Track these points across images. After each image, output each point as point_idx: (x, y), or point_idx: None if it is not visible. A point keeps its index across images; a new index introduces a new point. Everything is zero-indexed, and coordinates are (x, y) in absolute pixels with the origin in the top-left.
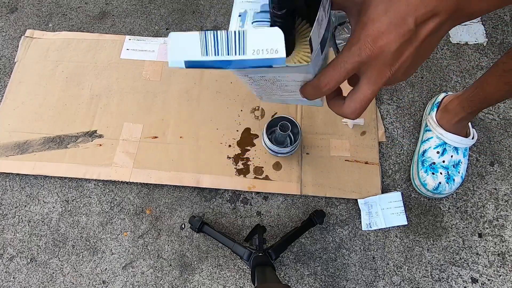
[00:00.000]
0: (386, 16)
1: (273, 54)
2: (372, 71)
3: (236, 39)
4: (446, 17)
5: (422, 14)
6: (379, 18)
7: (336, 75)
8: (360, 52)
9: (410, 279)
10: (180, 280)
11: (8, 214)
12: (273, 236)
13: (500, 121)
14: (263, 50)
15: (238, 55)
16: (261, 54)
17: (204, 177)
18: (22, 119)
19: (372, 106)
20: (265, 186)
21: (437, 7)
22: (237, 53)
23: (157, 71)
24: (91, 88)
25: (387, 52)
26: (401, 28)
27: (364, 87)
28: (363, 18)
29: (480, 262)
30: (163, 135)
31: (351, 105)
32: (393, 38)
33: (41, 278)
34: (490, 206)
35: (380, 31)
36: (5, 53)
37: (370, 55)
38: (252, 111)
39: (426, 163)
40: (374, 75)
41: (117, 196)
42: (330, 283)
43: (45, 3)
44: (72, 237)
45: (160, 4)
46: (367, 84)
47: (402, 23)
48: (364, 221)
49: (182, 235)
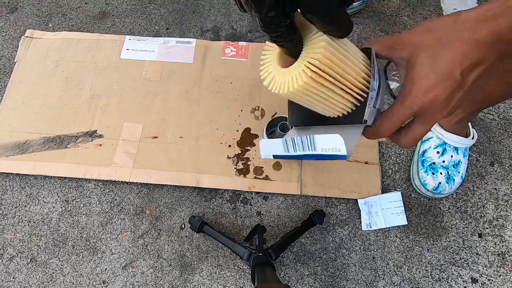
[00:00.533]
0: (432, 73)
1: (337, 151)
2: (425, 117)
3: (308, 141)
4: (492, 63)
5: (467, 67)
6: (427, 76)
7: (392, 126)
8: (412, 106)
9: (410, 279)
10: (180, 280)
11: (8, 214)
12: (273, 236)
13: (500, 121)
14: (329, 148)
15: (310, 151)
16: (328, 151)
17: (204, 177)
18: (22, 119)
19: None
20: (265, 186)
21: (481, 58)
22: (310, 150)
23: (157, 71)
24: (91, 88)
25: (438, 102)
26: (448, 81)
27: (418, 127)
28: (411, 74)
29: (480, 262)
30: (163, 135)
31: (405, 140)
32: (442, 90)
33: (41, 278)
34: (490, 206)
35: (428, 86)
36: (5, 53)
37: (422, 106)
38: (252, 111)
39: (426, 163)
40: (427, 119)
41: (117, 196)
42: (330, 283)
43: (45, 3)
44: (72, 237)
45: (160, 4)
46: (421, 125)
47: (449, 77)
48: (364, 221)
49: (182, 235)
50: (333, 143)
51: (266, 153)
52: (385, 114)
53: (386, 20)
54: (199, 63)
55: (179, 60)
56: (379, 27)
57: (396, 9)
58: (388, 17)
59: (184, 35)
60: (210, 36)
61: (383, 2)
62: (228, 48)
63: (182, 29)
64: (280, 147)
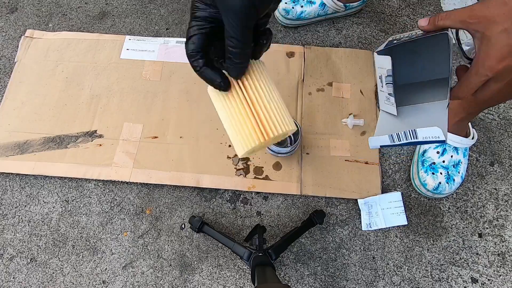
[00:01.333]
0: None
1: (436, 138)
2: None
3: (410, 134)
4: None
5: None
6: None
7: (469, 91)
8: (487, 73)
9: (410, 279)
10: (180, 280)
11: (8, 214)
12: (273, 236)
13: (500, 121)
14: (429, 136)
15: (413, 140)
16: (428, 139)
17: (204, 177)
18: (22, 119)
19: (372, 106)
20: (265, 186)
21: None
22: (412, 139)
23: (157, 71)
24: (91, 88)
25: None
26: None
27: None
28: (486, 46)
29: (480, 262)
30: (163, 135)
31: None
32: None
33: (41, 278)
34: (490, 206)
35: (502, 56)
36: (5, 53)
37: (496, 72)
38: None
39: (426, 163)
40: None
41: (117, 196)
42: (330, 283)
43: (45, 3)
44: (72, 237)
45: (160, 4)
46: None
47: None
48: (364, 221)
49: (182, 235)
50: (433, 133)
51: (375, 144)
52: (463, 82)
53: (386, 20)
54: None
55: (179, 60)
56: (379, 27)
57: (396, 9)
58: (388, 17)
59: (184, 35)
60: None
61: (383, 2)
62: None
63: (182, 29)
64: (386, 140)
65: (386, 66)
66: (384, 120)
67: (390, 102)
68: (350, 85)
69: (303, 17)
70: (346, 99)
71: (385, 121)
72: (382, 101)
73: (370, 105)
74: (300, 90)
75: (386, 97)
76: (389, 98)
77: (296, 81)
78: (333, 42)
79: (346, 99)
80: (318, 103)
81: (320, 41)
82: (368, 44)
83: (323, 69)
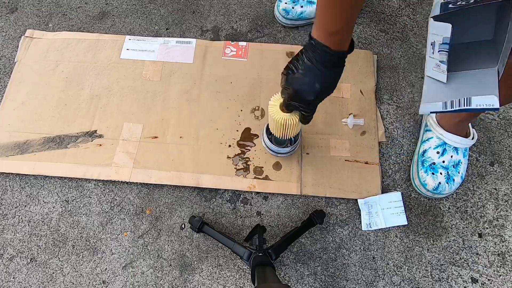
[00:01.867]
0: None
1: (491, 106)
2: None
3: (465, 101)
4: None
5: None
6: None
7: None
8: None
9: (410, 279)
10: (180, 280)
11: (8, 214)
12: (273, 236)
13: (500, 121)
14: (483, 104)
15: (466, 107)
16: (482, 106)
17: (204, 177)
18: (22, 119)
19: (372, 106)
20: (265, 186)
21: None
22: (466, 106)
23: (157, 71)
24: (91, 88)
25: None
26: None
27: None
28: None
29: (480, 262)
30: (163, 135)
31: None
32: None
33: (41, 278)
34: (490, 206)
35: None
36: (5, 53)
37: None
38: (252, 111)
39: (426, 163)
40: None
41: (117, 196)
42: (330, 283)
43: (45, 3)
44: (72, 237)
45: (160, 4)
46: None
47: None
48: (364, 221)
49: (182, 235)
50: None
51: (426, 110)
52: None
53: (386, 20)
54: (199, 63)
55: (179, 60)
56: (379, 27)
57: (396, 9)
58: (388, 17)
59: (184, 35)
60: (210, 36)
61: (383, 2)
62: (228, 48)
63: (182, 29)
64: (439, 106)
65: (444, 33)
66: (432, 86)
67: (440, 69)
68: (350, 85)
69: (303, 17)
70: (346, 99)
71: (433, 88)
72: (430, 68)
73: (370, 105)
74: None
75: (436, 64)
76: (439, 65)
77: None
78: None
79: (346, 99)
80: None
81: None
82: (368, 44)
83: None
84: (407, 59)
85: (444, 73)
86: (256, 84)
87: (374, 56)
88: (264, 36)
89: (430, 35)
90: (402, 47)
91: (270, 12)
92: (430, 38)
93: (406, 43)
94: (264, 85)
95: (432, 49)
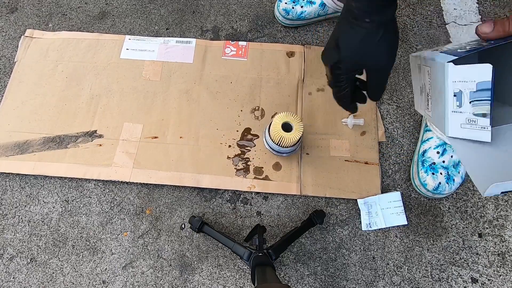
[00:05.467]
0: None
1: None
2: None
3: None
4: None
5: None
6: None
7: None
8: None
9: (410, 279)
10: (180, 280)
11: (8, 214)
12: (273, 236)
13: None
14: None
15: None
16: None
17: (204, 177)
18: (22, 119)
19: (372, 106)
20: (265, 186)
21: None
22: None
23: (157, 71)
24: (91, 88)
25: None
26: None
27: None
28: None
29: (480, 262)
30: (163, 135)
31: None
32: None
33: (41, 278)
34: (490, 206)
35: None
36: (5, 53)
37: None
38: (252, 111)
39: (426, 163)
40: None
41: (117, 196)
42: (330, 283)
43: (45, 3)
44: (72, 237)
45: (160, 4)
46: None
47: None
48: (364, 221)
49: (182, 235)
50: None
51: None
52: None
53: None
54: (199, 63)
55: (179, 60)
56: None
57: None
58: None
59: (184, 35)
60: (210, 36)
61: None
62: (228, 48)
63: (182, 29)
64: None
65: (479, 78)
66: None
67: (477, 125)
68: None
69: (303, 17)
70: None
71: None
72: (456, 126)
73: (370, 105)
74: (300, 90)
75: (467, 120)
76: (475, 120)
77: (296, 81)
78: None
79: None
80: (318, 103)
81: (320, 41)
82: None
83: (323, 69)
84: (407, 59)
85: (487, 129)
86: (256, 84)
87: None
88: (264, 36)
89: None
90: (402, 47)
91: (270, 12)
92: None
93: (406, 43)
94: (264, 85)
95: (457, 102)
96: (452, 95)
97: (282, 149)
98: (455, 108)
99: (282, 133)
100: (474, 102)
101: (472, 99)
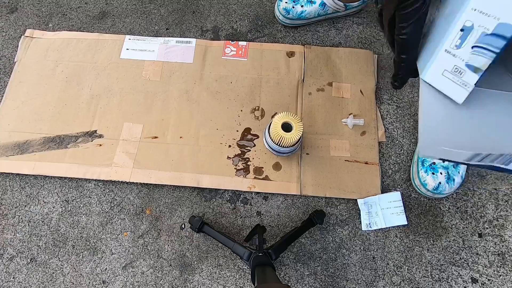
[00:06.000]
0: None
1: None
2: None
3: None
4: None
5: None
6: None
7: None
8: None
9: (410, 279)
10: (180, 280)
11: (8, 214)
12: (273, 236)
13: None
14: None
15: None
16: None
17: (204, 177)
18: (22, 119)
19: (372, 106)
20: (265, 186)
21: None
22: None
23: (157, 71)
24: (91, 88)
25: None
26: None
27: None
28: None
29: (480, 262)
30: (163, 135)
31: None
32: None
33: (41, 278)
34: (490, 206)
35: None
36: (5, 53)
37: None
38: (252, 111)
39: (426, 163)
40: None
41: (117, 196)
42: (330, 283)
43: (45, 3)
44: (72, 237)
45: (160, 4)
46: None
47: None
48: (364, 221)
49: (182, 235)
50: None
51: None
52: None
53: None
54: (199, 63)
55: (179, 60)
56: (379, 27)
57: None
58: None
59: (184, 35)
60: (210, 36)
61: None
62: (228, 48)
63: (182, 29)
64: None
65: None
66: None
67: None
68: (350, 85)
69: (303, 17)
70: (346, 99)
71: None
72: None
73: (370, 105)
74: (300, 90)
75: (455, 68)
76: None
77: (296, 81)
78: (333, 42)
79: (346, 99)
80: (318, 103)
81: (320, 41)
82: (368, 44)
83: (323, 69)
84: None
85: (467, 87)
86: (256, 84)
87: (375, 56)
88: (264, 36)
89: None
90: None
91: (270, 12)
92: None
93: None
94: (264, 85)
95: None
96: (459, 28)
97: (282, 149)
98: (452, 46)
99: (282, 133)
100: (477, 48)
101: (478, 43)
